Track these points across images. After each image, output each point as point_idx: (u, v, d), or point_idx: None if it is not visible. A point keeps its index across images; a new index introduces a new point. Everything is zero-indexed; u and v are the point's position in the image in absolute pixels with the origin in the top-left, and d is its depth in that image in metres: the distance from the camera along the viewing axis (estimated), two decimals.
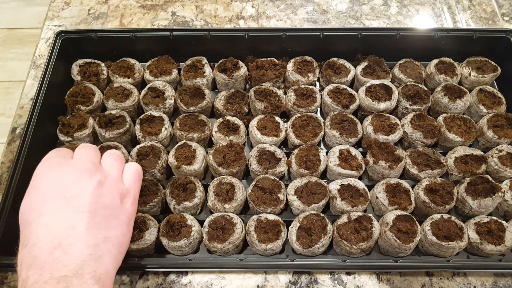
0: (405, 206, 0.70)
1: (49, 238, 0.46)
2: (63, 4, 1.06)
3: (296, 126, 0.79)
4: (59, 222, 0.48)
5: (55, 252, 0.45)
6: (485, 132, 0.79)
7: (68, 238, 0.47)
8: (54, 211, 0.48)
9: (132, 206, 0.56)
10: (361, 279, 0.69)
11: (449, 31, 0.89)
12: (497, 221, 0.69)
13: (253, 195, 0.71)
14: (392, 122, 0.79)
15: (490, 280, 0.69)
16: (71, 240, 0.47)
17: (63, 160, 0.53)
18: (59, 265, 0.45)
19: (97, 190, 0.51)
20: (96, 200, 0.50)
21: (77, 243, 0.47)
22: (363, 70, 0.86)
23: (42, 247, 0.46)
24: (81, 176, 0.51)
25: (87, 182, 0.51)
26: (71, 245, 0.47)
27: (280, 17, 1.03)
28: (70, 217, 0.48)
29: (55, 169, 0.52)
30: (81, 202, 0.49)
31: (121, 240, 0.52)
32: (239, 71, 0.84)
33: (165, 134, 0.79)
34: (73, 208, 0.49)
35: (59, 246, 0.46)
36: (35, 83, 0.93)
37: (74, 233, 0.47)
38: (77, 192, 0.50)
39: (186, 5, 1.05)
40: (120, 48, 0.90)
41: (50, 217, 0.48)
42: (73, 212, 0.49)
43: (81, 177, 0.51)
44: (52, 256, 0.45)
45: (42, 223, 0.47)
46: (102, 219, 0.50)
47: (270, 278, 0.69)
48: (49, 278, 0.44)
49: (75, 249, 0.47)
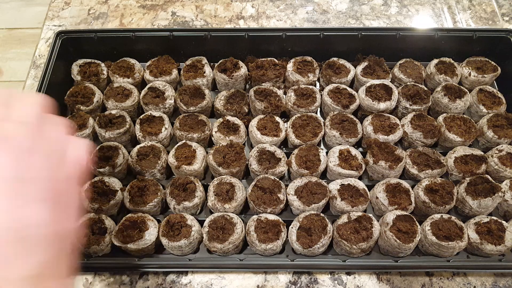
0: (405, 206, 0.70)
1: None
2: (63, 4, 1.06)
3: (296, 126, 0.79)
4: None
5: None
6: (485, 132, 0.79)
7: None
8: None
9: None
10: (361, 279, 0.69)
11: (449, 31, 0.89)
12: (497, 221, 0.69)
13: (253, 195, 0.71)
14: (392, 122, 0.79)
15: (490, 280, 0.69)
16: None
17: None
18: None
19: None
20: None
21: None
22: (363, 70, 0.86)
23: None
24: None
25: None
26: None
27: (280, 17, 1.03)
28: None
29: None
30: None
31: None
32: (239, 71, 0.84)
33: (165, 134, 0.79)
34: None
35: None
36: (35, 83, 0.93)
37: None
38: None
39: (186, 5, 1.05)
40: (120, 48, 0.90)
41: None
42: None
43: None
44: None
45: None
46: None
47: (270, 278, 0.69)
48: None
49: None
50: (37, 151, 0.36)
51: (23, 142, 0.36)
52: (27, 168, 0.35)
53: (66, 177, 0.38)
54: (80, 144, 0.41)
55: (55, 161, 0.38)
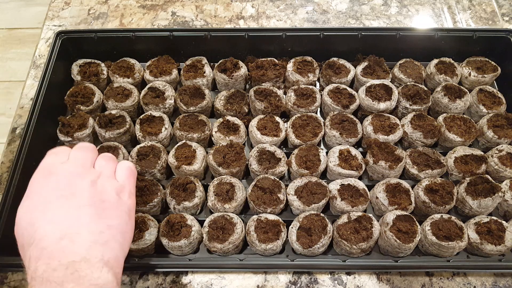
0: (405, 206, 0.70)
1: (55, 231, 0.49)
2: (63, 4, 1.06)
3: (296, 126, 0.79)
4: (62, 216, 0.50)
5: (61, 242, 0.48)
6: (485, 132, 0.79)
7: (73, 228, 0.50)
8: (56, 208, 0.51)
9: (129, 199, 0.58)
10: (361, 279, 0.69)
11: (449, 31, 0.89)
12: (497, 221, 0.69)
13: (253, 195, 0.71)
14: (392, 122, 0.79)
15: (490, 280, 0.69)
16: (76, 230, 0.49)
17: (57, 166, 0.56)
18: (66, 252, 0.47)
19: (91, 188, 0.54)
20: (93, 196, 0.53)
21: (82, 232, 0.50)
22: (363, 70, 0.86)
23: (49, 239, 0.48)
24: (74, 179, 0.54)
25: (80, 183, 0.54)
26: (77, 233, 0.49)
27: (280, 17, 1.03)
28: (72, 212, 0.51)
29: (49, 176, 0.55)
30: (80, 198, 0.52)
31: (124, 228, 0.54)
32: (239, 71, 0.84)
33: (165, 134, 0.79)
34: (73, 204, 0.52)
35: (65, 236, 0.48)
36: (35, 83, 0.93)
37: (78, 223, 0.50)
38: (73, 191, 0.53)
39: (186, 5, 1.05)
40: (120, 48, 0.90)
41: (53, 214, 0.51)
42: (74, 207, 0.51)
43: (74, 180, 0.54)
44: (59, 245, 0.48)
45: (47, 220, 0.50)
46: (102, 211, 0.53)
47: (270, 278, 0.69)
48: (58, 265, 0.46)
49: (81, 236, 0.49)
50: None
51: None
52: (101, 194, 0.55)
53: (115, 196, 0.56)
54: (124, 166, 0.61)
55: (112, 190, 0.56)
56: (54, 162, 0.57)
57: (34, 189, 0.54)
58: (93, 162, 0.59)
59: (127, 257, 0.67)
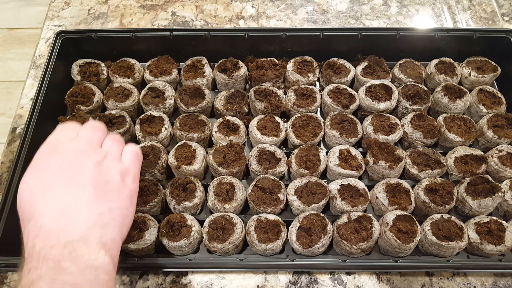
0: (405, 206, 0.70)
1: (54, 209, 0.49)
2: (63, 4, 1.06)
3: (296, 126, 0.79)
4: (63, 195, 0.50)
5: (61, 221, 0.48)
6: (485, 132, 0.79)
7: (73, 208, 0.49)
8: (57, 186, 0.51)
9: (133, 183, 0.58)
10: (361, 279, 0.69)
11: (449, 31, 0.89)
12: (497, 221, 0.69)
13: (253, 195, 0.71)
14: (392, 122, 0.79)
15: (490, 280, 0.69)
16: (76, 210, 0.49)
17: (63, 143, 0.56)
18: (65, 232, 0.47)
19: (96, 168, 0.53)
20: (97, 176, 0.53)
21: (82, 212, 0.49)
22: (363, 70, 0.86)
23: (48, 217, 0.48)
24: (79, 158, 0.54)
25: (85, 162, 0.54)
26: (76, 214, 0.49)
27: (280, 17, 1.03)
28: (74, 191, 0.51)
29: (55, 152, 0.54)
30: (83, 177, 0.52)
31: (125, 212, 0.54)
32: (239, 71, 0.84)
33: (165, 134, 0.79)
34: (76, 183, 0.51)
35: (64, 215, 0.48)
36: (35, 83, 0.93)
37: (79, 203, 0.50)
38: (77, 170, 0.53)
39: (186, 5, 1.05)
40: (120, 48, 0.90)
41: (54, 191, 0.50)
42: (76, 186, 0.51)
43: (79, 158, 0.54)
44: (58, 224, 0.47)
45: (47, 197, 0.50)
46: (104, 192, 0.52)
47: (270, 278, 0.69)
48: (55, 244, 0.46)
49: (80, 217, 0.49)
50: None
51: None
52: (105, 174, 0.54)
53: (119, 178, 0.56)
54: (130, 150, 0.61)
55: (116, 172, 0.56)
56: (62, 137, 0.57)
57: (38, 164, 0.54)
58: (101, 142, 0.59)
59: (127, 257, 0.67)
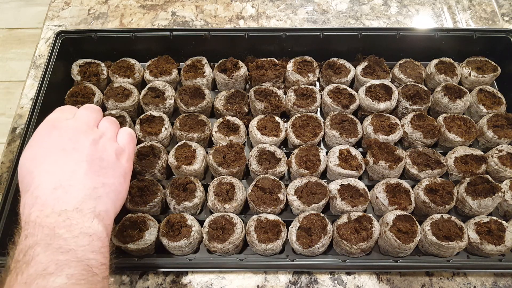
0: (405, 206, 0.70)
1: (50, 181, 0.51)
2: (63, 4, 1.06)
3: (296, 126, 0.79)
4: (59, 168, 0.53)
5: (56, 192, 0.50)
6: (485, 132, 0.79)
7: (68, 180, 0.52)
8: (54, 160, 0.53)
9: (127, 163, 0.60)
10: (361, 279, 0.69)
11: (449, 31, 0.89)
12: (497, 221, 0.69)
13: (253, 195, 0.71)
14: (392, 122, 0.79)
15: (490, 280, 0.69)
16: (71, 183, 0.52)
17: (62, 121, 0.59)
18: (59, 202, 0.49)
19: (92, 146, 0.56)
20: (93, 153, 0.55)
21: (76, 185, 0.52)
22: (363, 70, 0.86)
23: (44, 188, 0.50)
24: (77, 135, 0.56)
25: (83, 140, 0.56)
26: (71, 186, 0.51)
27: (280, 17, 1.03)
28: (70, 165, 0.53)
29: (53, 129, 0.57)
30: (79, 153, 0.54)
31: (118, 188, 0.57)
32: (239, 71, 0.84)
33: (165, 134, 0.79)
34: (72, 158, 0.54)
35: (60, 187, 0.51)
36: (35, 83, 0.93)
37: (74, 177, 0.52)
38: (74, 146, 0.55)
39: (186, 5, 1.05)
40: (120, 48, 0.90)
41: (51, 165, 0.53)
42: (72, 161, 0.54)
43: (76, 135, 0.56)
44: (53, 194, 0.50)
45: (44, 170, 0.52)
46: (99, 168, 0.55)
47: (270, 278, 0.69)
48: (51, 213, 0.48)
49: (75, 189, 0.51)
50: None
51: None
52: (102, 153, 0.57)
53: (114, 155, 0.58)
54: (125, 131, 0.64)
55: (112, 151, 0.58)
56: (59, 117, 0.59)
57: (36, 140, 0.56)
58: (97, 123, 0.61)
59: (127, 257, 0.67)
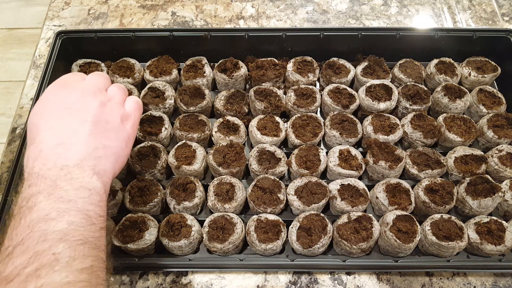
0: (405, 206, 0.70)
1: (53, 137, 0.53)
2: (63, 4, 1.06)
3: (296, 126, 0.79)
4: (63, 126, 0.54)
5: (58, 148, 0.52)
6: (485, 132, 0.79)
7: (71, 138, 0.53)
8: (59, 118, 0.55)
9: (131, 129, 0.62)
10: (361, 279, 0.69)
11: (449, 31, 0.89)
12: (497, 221, 0.69)
13: (253, 195, 0.71)
14: (392, 122, 0.79)
15: (490, 280, 0.69)
16: (73, 140, 0.53)
17: (73, 82, 0.61)
18: (61, 158, 0.51)
19: (99, 108, 0.57)
20: (99, 115, 0.57)
21: (78, 143, 0.53)
22: (363, 70, 0.86)
23: (48, 144, 0.53)
24: (85, 97, 0.58)
25: (91, 101, 0.58)
26: (73, 144, 0.53)
27: (280, 17, 1.03)
28: (74, 124, 0.55)
29: (63, 89, 0.59)
30: (85, 114, 0.56)
31: (119, 152, 0.58)
32: (239, 71, 0.84)
33: (165, 134, 0.79)
34: (77, 117, 0.55)
35: (62, 144, 0.53)
36: (35, 83, 0.93)
37: (76, 135, 0.54)
38: (81, 106, 0.57)
39: (186, 5, 1.05)
40: (120, 48, 0.90)
41: (56, 122, 0.55)
42: (77, 120, 0.55)
43: (85, 96, 0.58)
44: (55, 150, 0.52)
45: (48, 126, 0.54)
46: (103, 131, 0.56)
47: (270, 278, 0.69)
48: (53, 166, 0.51)
49: (77, 147, 0.53)
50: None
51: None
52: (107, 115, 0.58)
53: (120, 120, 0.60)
54: (133, 99, 0.66)
55: (118, 115, 0.60)
56: (71, 78, 0.62)
57: (46, 97, 0.58)
58: (106, 88, 0.63)
59: (127, 257, 0.67)
